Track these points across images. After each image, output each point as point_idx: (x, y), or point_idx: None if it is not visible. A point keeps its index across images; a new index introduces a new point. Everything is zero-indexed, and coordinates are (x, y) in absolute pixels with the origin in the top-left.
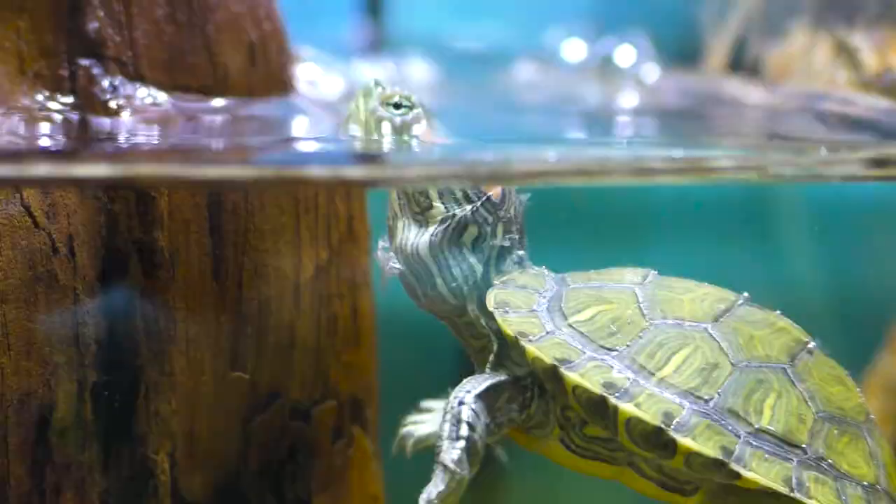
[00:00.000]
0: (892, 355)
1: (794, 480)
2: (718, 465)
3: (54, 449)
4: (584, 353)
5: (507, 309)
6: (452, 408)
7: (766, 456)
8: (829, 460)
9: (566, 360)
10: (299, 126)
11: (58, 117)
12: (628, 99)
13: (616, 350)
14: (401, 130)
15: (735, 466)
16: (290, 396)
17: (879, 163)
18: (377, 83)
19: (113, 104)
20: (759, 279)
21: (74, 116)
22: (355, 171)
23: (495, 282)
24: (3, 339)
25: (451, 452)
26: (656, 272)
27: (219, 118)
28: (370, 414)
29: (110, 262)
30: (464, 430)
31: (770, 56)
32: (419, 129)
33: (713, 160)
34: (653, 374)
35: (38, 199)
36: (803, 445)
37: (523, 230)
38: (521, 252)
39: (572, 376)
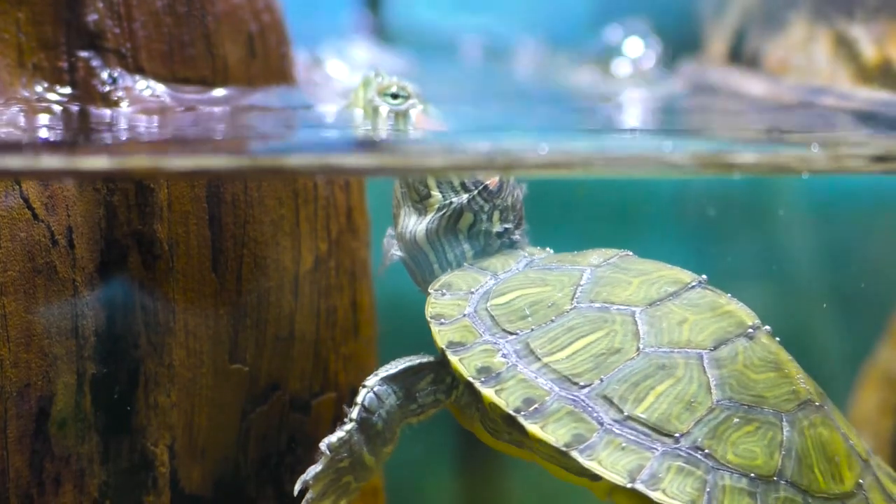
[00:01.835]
0: (891, 347)
1: (645, 472)
2: (563, 453)
3: (53, 441)
4: (482, 336)
5: (444, 291)
6: (359, 391)
7: (624, 444)
8: (708, 450)
9: (460, 343)
10: (298, 115)
11: (57, 109)
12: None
13: (515, 334)
14: (397, 119)
15: (575, 455)
16: (289, 388)
17: (881, 159)
18: (377, 73)
19: (112, 96)
20: (759, 271)
21: (74, 108)
22: (350, 160)
23: (465, 264)
24: (3, 331)
25: (331, 436)
26: (629, 253)
27: (218, 109)
28: None
29: (109, 253)
30: (354, 413)
31: (769, 48)
32: (415, 116)
33: (732, 155)
34: (539, 360)
35: (36, 191)
36: (676, 434)
37: (522, 217)
38: (514, 237)
39: (453, 360)
